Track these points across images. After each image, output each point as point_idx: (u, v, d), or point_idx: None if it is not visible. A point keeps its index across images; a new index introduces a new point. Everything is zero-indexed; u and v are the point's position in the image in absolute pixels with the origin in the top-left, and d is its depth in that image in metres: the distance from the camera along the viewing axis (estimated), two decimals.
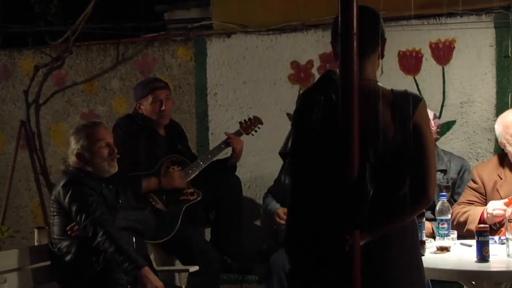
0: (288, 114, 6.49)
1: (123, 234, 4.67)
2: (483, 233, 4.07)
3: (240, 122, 6.04)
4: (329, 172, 3.01)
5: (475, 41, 5.97)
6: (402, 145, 3.07)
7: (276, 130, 6.44)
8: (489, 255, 4.06)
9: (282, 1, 6.47)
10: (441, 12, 5.95)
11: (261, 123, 6.07)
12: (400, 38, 6.09)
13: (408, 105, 3.10)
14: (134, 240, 4.79)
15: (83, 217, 4.60)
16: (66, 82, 7.21)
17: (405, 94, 3.15)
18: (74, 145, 4.83)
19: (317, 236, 3.09)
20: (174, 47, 6.89)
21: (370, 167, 3.01)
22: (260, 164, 6.62)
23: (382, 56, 3.26)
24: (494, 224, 4.74)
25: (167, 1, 7.41)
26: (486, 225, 4.20)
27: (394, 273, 3.15)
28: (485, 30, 5.92)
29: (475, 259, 4.09)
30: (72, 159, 4.84)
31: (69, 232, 4.69)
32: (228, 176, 5.95)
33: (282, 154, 3.36)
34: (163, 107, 5.68)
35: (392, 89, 3.18)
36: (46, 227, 5.65)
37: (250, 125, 6.02)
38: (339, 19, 2.84)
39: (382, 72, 3.29)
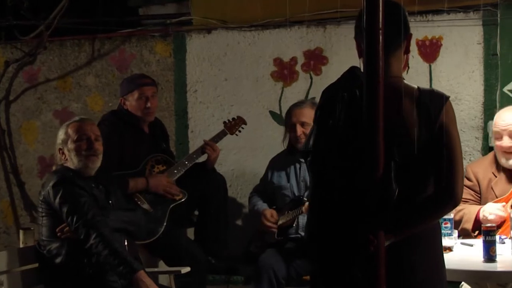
0: (271, 112, 6.40)
1: (115, 236, 4.52)
2: (490, 233, 4.01)
3: (224, 122, 5.93)
4: (353, 170, 2.93)
5: (462, 39, 5.93)
6: (428, 144, 3.00)
7: (258, 128, 6.40)
8: (496, 255, 4.01)
9: None
10: (428, 9, 5.91)
11: (245, 123, 5.96)
12: None
13: (435, 103, 3.04)
14: (126, 242, 4.64)
15: (74, 218, 4.43)
16: (38, 79, 7.04)
17: (431, 92, 3.10)
18: (57, 140, 4.71)
19: (340, 236, 3.01)
20: (152, 42, 6.75)
21: (395, 166, 2.92)
22: (241, 162, 6.53)
23: (408, 52, 3.19)
24: None
25: None
26: (493, 225, 4.14)
27: (419, 274, 3.08)
28: (472, 28, 5.88)
29: (481, 259, 4.02)
30: (57, 155, 4.72)
31: (58, 234, 4.53)
32: (213, 174, 5.83)
33: (303, 152, 3.24)
34: (148, 104, 5.55)
35: (418, 87, 3.10)
36: (32, 228, 5.46)
37: (234, 125, 5.91)
38: (364, 13, 2.76)
39: (409, 67, 3.19)
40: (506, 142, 4.83)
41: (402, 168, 2.93)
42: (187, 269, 5.12)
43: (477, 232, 4.77)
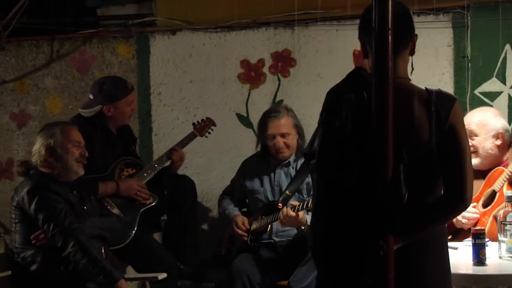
0: (237, 114, 6.31)
1: (93, 243, 4.38)
2: (480, 236, 3.98)
3: (193, 124, 5.81)
4: (361, 173, 2.87)
5: (432, 41, 5.90)
6: (437, 145, 2.95)
7: (225, 131, 6.29)
8: (485, 258, 3.98)
9: None
10: None
11: (214, 124, 5.86)
12: (355, 37, 5.87)
13: (443, 104, 3.00)
14: (103, 249, 4.50)
15: (51, 226, 4.30)
16: None
17: (440, 93, 3.04)
18: (43, 140, 4.53)
19: (348, 240, 2.95)
20: (114, 44, 6.59)
21: (404, 169, 2.87)
22: (207, 166, 6.42)
23: (413, 53, 3.13)
24: None
25: None
26: (482, 228, 4.11)
27: (427, 278, 3.04)
28: (442, 30, 5.86)
29: (468, 262, 3.99)
30: (37, 157, 4.53)
31: (33, 241, 4.38)
32: (182, 178, 5.73)
33: (307, 154, 3.16)
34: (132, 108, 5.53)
35: (426, 88, 3.06)
36: (3, 234, 5.27)
37: (204, 126, 5.81)
38: (374, 13, 2.69)
39: (413, 68, 3.14)
40: None
41: (411, 170, 2.88)
42: (164, 275, 5.00)
43: (450, 236, 4.76)
